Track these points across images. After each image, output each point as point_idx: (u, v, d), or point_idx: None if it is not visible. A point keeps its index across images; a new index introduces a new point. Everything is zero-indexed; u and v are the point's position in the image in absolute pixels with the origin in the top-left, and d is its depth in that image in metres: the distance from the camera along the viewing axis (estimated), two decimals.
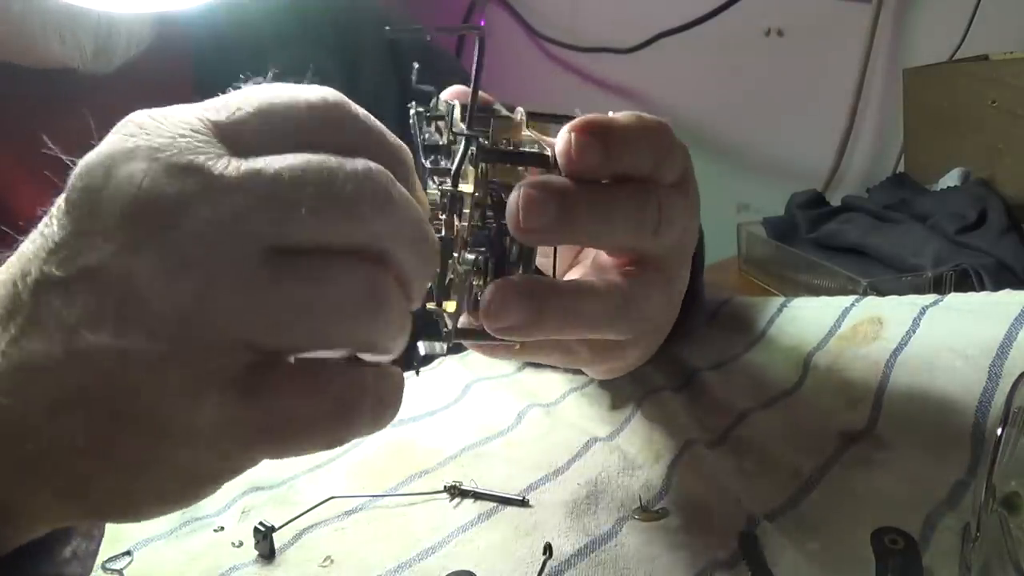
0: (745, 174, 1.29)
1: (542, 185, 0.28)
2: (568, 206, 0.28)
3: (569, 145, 0.29)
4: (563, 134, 0.29)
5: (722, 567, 0.32)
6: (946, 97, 0.87)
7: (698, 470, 0.38)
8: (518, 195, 0.28)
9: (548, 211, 0.28)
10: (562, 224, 0.28)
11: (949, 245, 0.70)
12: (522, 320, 0.29)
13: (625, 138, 0.30)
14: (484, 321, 0.29)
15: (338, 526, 0.37)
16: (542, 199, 0.28)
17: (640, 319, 0.32)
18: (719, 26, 1.21)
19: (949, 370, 0.39)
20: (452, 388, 0.49)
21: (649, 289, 0.33)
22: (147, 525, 0.38)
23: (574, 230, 0.29)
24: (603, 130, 0.29)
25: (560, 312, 0.30)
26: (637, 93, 1.40)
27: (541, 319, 0.29)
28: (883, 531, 0.31)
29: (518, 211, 0.28)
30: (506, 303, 0.29)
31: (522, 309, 0.29)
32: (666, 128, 0.32)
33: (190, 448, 0.23)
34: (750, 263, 0.86)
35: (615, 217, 0.30)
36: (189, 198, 0.21)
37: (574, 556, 0.34)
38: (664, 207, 0.31)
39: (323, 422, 0.23)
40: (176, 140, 0.22)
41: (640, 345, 0.39)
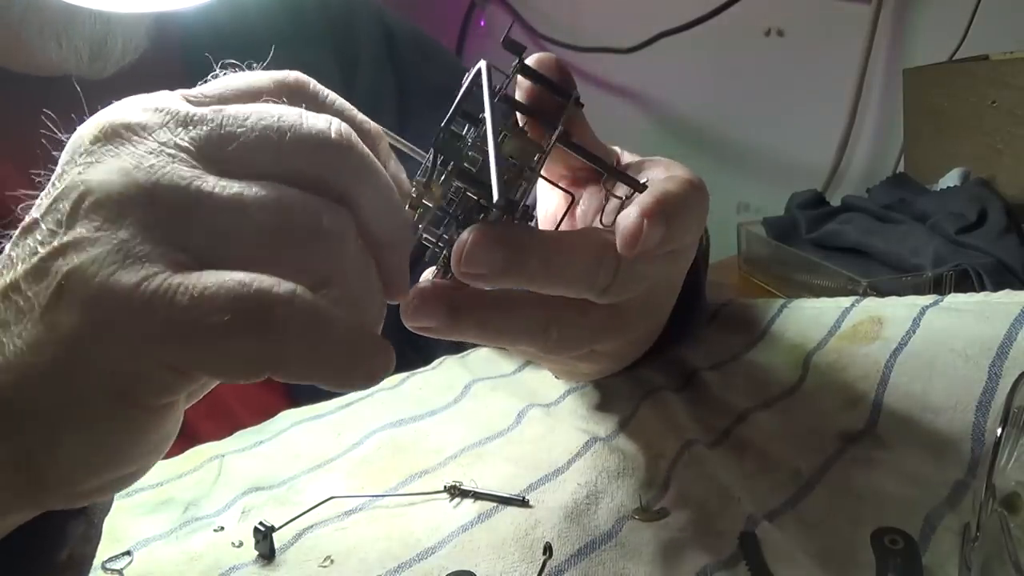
0: (745, 174, 1.29)
1: (492, 234, 0.28)
2: (514, 257, 0.29)
3: (463, 247, 0.28)
4: (633, 218, 0.29)
5: (722, 567, 0.32)
6: (946, 97, 0.87)
7: (698, 470, 0.38)
8: (466, 239, 0.28)
9: (492, 259, 0.28)
10: (504, 275, 0.29)
11: (949, 245, 0.70)
12: (436, 324, 0.30)
13: (677, 218, 0.30)
14: (404, 318, 0.30)
15: (338, 526, 0.37)
16: (486, 246, 0.28)
17: (564, 343, 0.33)
18: (719, 26, 1.21)
19: (949, 370, 0.39)
20: (452, 388, 0.49)
21: (582, 320, 0.33)
22: (147, 525, 0.38)
23: (516, 281, 0.30)
24: (667, 213, 0.30)
25: (474, 325, 0.31)
26: (637, 93, 1.40)
27: (455, 327, 0.30)
28: (883, 531, 0.31)
29: (461, 252, 0.28)
30: (423, 305, 0.30)
31: (437, 314, 0.30)
32: (702, 198, 0.33)
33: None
34: (750, 263, 0.86)
35: (563, 275, 0.30)
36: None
37: (574, 556, 0.34)
38: (627, 268, 0.31)
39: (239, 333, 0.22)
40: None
41: (601, 362, 0.39)
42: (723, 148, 1.31)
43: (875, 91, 1.10)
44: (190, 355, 0.23)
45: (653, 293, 0.35)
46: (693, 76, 1.31)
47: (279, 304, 0.22)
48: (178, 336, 0.22)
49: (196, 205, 0.23)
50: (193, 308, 0.22)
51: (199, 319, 0.22)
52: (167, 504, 0.40)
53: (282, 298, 0.22)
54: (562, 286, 0.31)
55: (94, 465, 0.25)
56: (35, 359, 0.23)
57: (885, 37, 1.07)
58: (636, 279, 0.32)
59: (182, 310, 0.22)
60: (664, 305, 0.39)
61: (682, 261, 0.36)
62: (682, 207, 0.31)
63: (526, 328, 0.32)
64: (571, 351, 0.34)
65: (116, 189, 0.23)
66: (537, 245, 0.29)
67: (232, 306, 0.22)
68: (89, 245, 0.22)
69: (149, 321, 0.22)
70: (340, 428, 0.46)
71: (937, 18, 1.02)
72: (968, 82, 0.83)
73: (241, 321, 0.22)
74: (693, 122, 1.35)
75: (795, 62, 1.18)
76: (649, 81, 1.37)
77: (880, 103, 1.10)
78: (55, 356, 0.23)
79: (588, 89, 1.44)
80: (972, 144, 0.84)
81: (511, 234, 0.29)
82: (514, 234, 0.29)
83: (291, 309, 0.23)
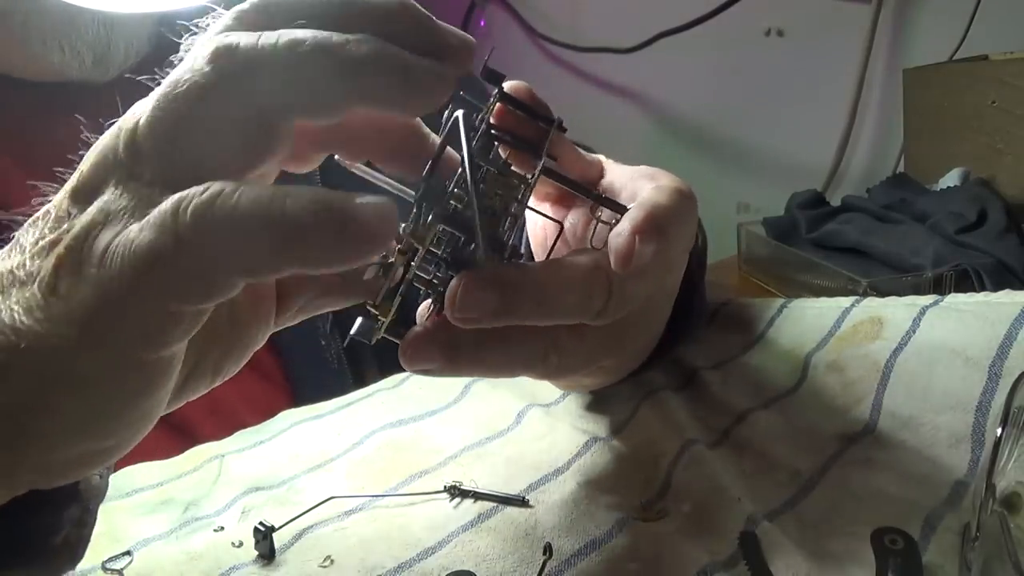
0: (745, 174, 1.28)
1: (483, 285, 0.28)
2: (499, 312, 0.29)
3: (632, 247, 0.29)
4: (625, 236, 0.29)
5: (722, 567, 0.32)
6: (946, 97, 0.87)
7: (698, 470, 0.38)
8: (458, 287, 0.28)
9: (484, 302, 0.28)
10: (497, 317, 0.29)
11: (949, 245, 0.70)
12: (435, 367, 0.30)
13: (533, 307, 0.30)
14: (402, 362, 0.30)
15: (338, 526, 0.37)
16: (476, 304, 0.28)
17: (564, 368, 0.33)
18: (719, 26, 1.21)
19: (949, 370, 0.39)
20: (452, 388, 0.49)
21: (581, 343, 0.33)
22: (147, 525, 0.38)
23: (510, 319, 0.30)
24: (659, 227, 0.30)
25: (473, 362, 0.31)
26: (637, 93, 1.40)
27: (453, 367, 0.31)
28: (883, 531, 0.31)
29: (455, 301, 0.28)
30: (419, 351, 0.30)
31: (434, 359, 0.30)
32: (687, 216, 0.33)
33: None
34: (750, 263, 0.86)
35: (555, 310, 0.30)
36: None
37: (574, 556, 0.34)
38: (619, 288, 0.31)
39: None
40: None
41: (599, 374, 0.39)
42: (723, 148, 1.31)
43: (875, 91, 1.10)
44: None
45: (649, 306, 0.35)
46: (693, 76, 1.31)
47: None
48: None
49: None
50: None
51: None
52: (167, 504, 0.40)
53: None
54: (558, 317, 0.31)
55: (79, 431, 0.25)
56: (30, 322, 0.24)
57: (885, 37, 1.07)
58: (631, 297, 0.32)
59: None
60: (661, 315, 0.39)
61: (676, 270, 0.37)
62: (673, 218, 0.31)
63: (525, 359, 0.32)
64: (572, 374, 0.34)
65: (95, 163, 0.26)
66: (529, 284, 0.29)
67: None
68: (84, 217, 0.25)
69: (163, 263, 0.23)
70: (340, 428, 0.46)
71: (937, 18, 1.02)
72: (968, 82, 0.83)
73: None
74: (693, 122, 1.35)
75: (795, 62, 1.18)
76: (649, 81, 1.37)
77: (880, 103, 1.10)
78: (51, 319, 0.24)
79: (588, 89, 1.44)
80: (972, 144, 0.84)
81: (501, 276, 0.29)
82: (504, 276, 0.29)
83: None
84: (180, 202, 0.23)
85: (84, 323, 0.24)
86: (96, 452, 0.27)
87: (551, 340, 0.32)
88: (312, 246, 0.23)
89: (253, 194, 0.23)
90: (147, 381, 0.25)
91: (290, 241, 0.23)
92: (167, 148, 0.25)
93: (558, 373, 0.33)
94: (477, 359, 0.31)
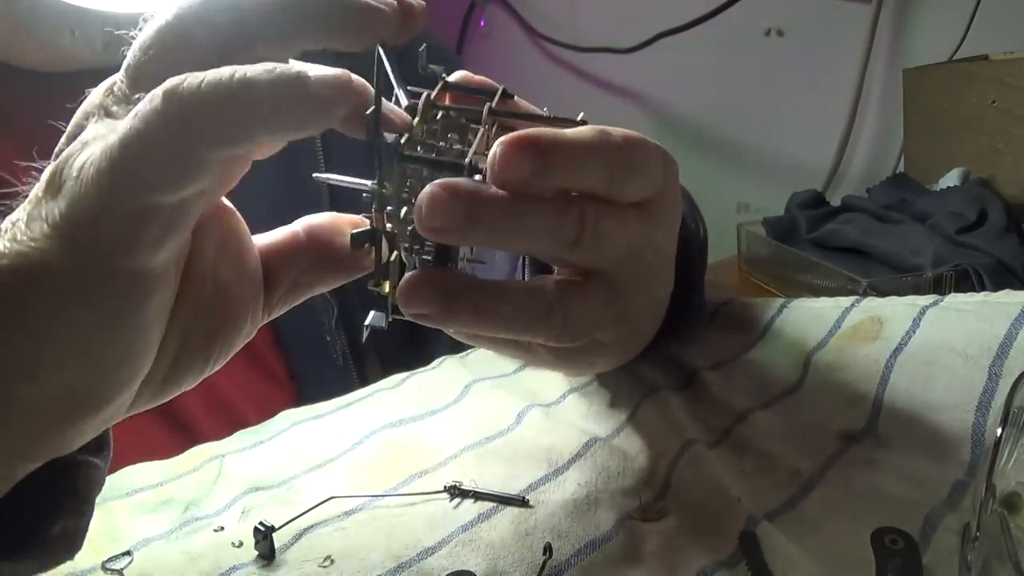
0: (745, 174, 1.29)
1: (452, 186, 0.28)
2: (474, 212, 0.28)
3: (495, 158, 0.28)
4: (495, 146, 0.29)
5: (722, 567, 0.32)
6: (946, 97, 0.87)
7: (698, 470, 0.38)
8: (426, 194, 0.28)
9: (453, 214, 0.28)
10: (466, 229, 0.28)
11: (949, 245, 0.70)
12: (432, 310, 0.30)
13: (566, 159, 0.29)
14: (400, 306, 0.30)
15: (338, 526, 0.37)
16: (447, 201, 0.28)
17: (569, 329, 0.32)
18: (719, 26, 1.21)
19: (949, 370, 0.39)
20: (452, 388, 0.49)
21: (585, 301, 0.32)
22: (147, 525, 0.38)
23: (480, 235, 0.29)
24: (535, 148, 0.28)
25: (470, 308, 0.30)
26: (637, 93, 1.40)
27: (450, 312, 0.30)
28: (883, 531, 0.31)
29: (423, 209, 0.28)
30: (418, 291, 0.29)
31: (431, 300, 0.29)
32: (635, 147, 0.31)
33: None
34: (750, 263, 0.86)
35: (525, 228, 0.30)
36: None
37: (574, 556, 0.34)
38: (595, 223, 0.30)
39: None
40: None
41: (605, 354, 0.38)
42: (723, 148, 1.31)
43: (875, 91, 1.10)
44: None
45: (640, 260, 0.34)
46: (693, 76, 1.31)
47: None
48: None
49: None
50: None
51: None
52: (167, 504, 0.40)
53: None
54: (528, 236, 0.30)
55: (63, 352, 0.26)
56: (11, 244, 0.25)
57: (885, 37, 1.07)
58: (607, 236, 0.31)
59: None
60: (659, 277, 0.38)
61: (662, 222, 0.35)
62: (570, 148, 0.29)
63: (527, 311, 0.31)
64: (576, 338, 0.33)
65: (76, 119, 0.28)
66: (492, 198, 0.29)
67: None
68: (69, 149, 0.26)
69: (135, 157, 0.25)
70: (340, 428, 0.46)
71: (937, 18, 1.02)
72: (968, 82, 0.83)
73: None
74: (693, 122, 1.35)
75: (795, 62, 1.18)
76: (649, 81, 1.37)
77: (880, 103, 1.10)
78: (33, 238, 0.25)
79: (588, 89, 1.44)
80: (972, 144, 0.84)
81: (467, 187, 0.29)
82: (471, 187, 0.29)
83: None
84: (151, 93, 0.25)
85: (61, 234, 0.25)
86: (84, 388, 0.27)
87: (554, 294, 0.32)
88: (274, 107, 0.25)
89: (217, 70, 0.25)
90: (128, 295, 0.26)
91: (253, 105, 0.25)
92: (143, 84, 0.27)
93: (562, 335, 0.32)
94: (475, 304, 0.30)
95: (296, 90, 0.25)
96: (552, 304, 0.31)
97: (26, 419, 0.26)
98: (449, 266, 0.31)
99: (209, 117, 0.25)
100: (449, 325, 0.31)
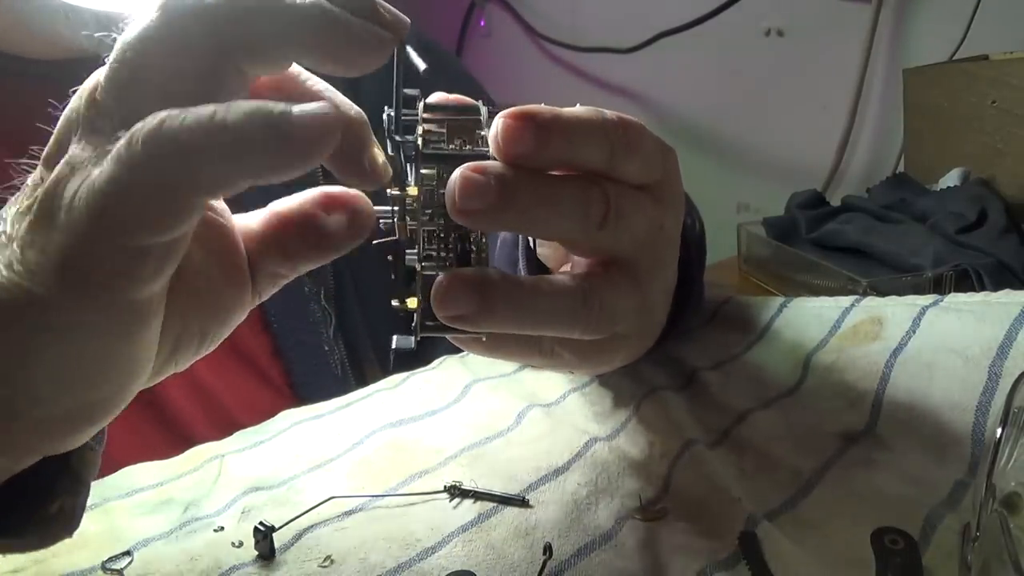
0: (745, 174, 1.29)
1: (482, 168, 0.28)
2: (507, 190, 0.28)
3: (498, 131, 0.28)
4: (496, 120, 0.29)
5: (722, 567, 0.32)
6: (946, 97, 0.87)
7: (698, 470, 0.38)
8: (457, 176, 0.28)
9: (486, 194, 0.28)
10: (500, 208, 0.28)
11: (949, 245, 0.70)
12: (470, 309, 0.29)
13: (566, 129, 0.29)
14: (435, 309, 0.29)
15: (338, 526, 0.37)
16: (480, 181, 0.28)
17: (603, 320, 0.32)
18: (719, 26, 1.21)
19: (949, 370, 0.39)
20: (452, 388, 0.49)
21: (613, 290, 0.32)
22: (147, 525, 0.38)
23: (513, 215, 0.29)
24: (536, 118, 0.28)
25: (510, 305, 0.30)
26: (637, 93, 1.40)
27: (490, 310, 0.29)
28: (883, 531, 0.31)
29: (456, 192, 0.28)
30: (453, 291, 0.29)
31: (470, 298, 0.29)
32: (631, 127, 0.31)
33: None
34: (750, 263, 0.86)
35: (555, 205, 0.29)
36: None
37: (574, 556, 0.34)
38: (616, 203, 0.31)
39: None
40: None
41: (624, 347, 0.38)
42: (723, 148, 1.31)
43: (875, 91, 1.10)
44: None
45: (655, 245, 0.34)
46: (693, 76, 1.31)
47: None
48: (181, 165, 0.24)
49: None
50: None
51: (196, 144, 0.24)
52: (167, 504, 0.40)
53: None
54: (559, 215, 0.30)
55: (66, 379, 0.26)
56: (9, 275, 0.25)
57: (885, 37, 1.07)
58: (629, 217, 0.31)
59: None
60: (669, 264, 0.38)
61: (670, 208, 0.35)
62: (569, 122, 0.30)
63: (565, 302, 0.31)
64: (608, 328, 0.33)
65: (61, 127, 0.27)
66: (526, 175, 0.29)
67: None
68: (53, 174, 0.26)
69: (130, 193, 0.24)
70: (340, 428, 0.46)
71: (937, 18, 1.02)
72: (968, 82, 0.83)
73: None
74: (693, 122, 1.35)
75: (795, 62, 1.19)
76: (649, 81, 1.37)
77: (880, 103, 1.10)
78: (29, 270, 0.25)
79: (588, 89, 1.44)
80: (972, 144, 0.84)
81: (496, 167, 0.28)
82: (500, 167, 0.29)
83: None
84: (132, 134, 0.24)
85: (59, 268, 0.25)
86: (90, 405, 0.27)
87: (587, 282, 0.31)
88: (257, 153, 0.24)
89: (196, 112, 0.24)
90: (129, 323, 0.26)
91: (236, 151, 0.24)
92: (125, 97, 0.26)
93: (595, 327, 0.32)
94: (515, 301, 0.30)
95: (278, 134, 0.24)
96: (588, 292, 0.31)
97: (32, 432, 0.27)
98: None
99: (189, 165, 0.24)
100: (488, 324, 0.30)
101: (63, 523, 0.30)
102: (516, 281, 0.30)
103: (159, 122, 0.24)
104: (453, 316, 0.29)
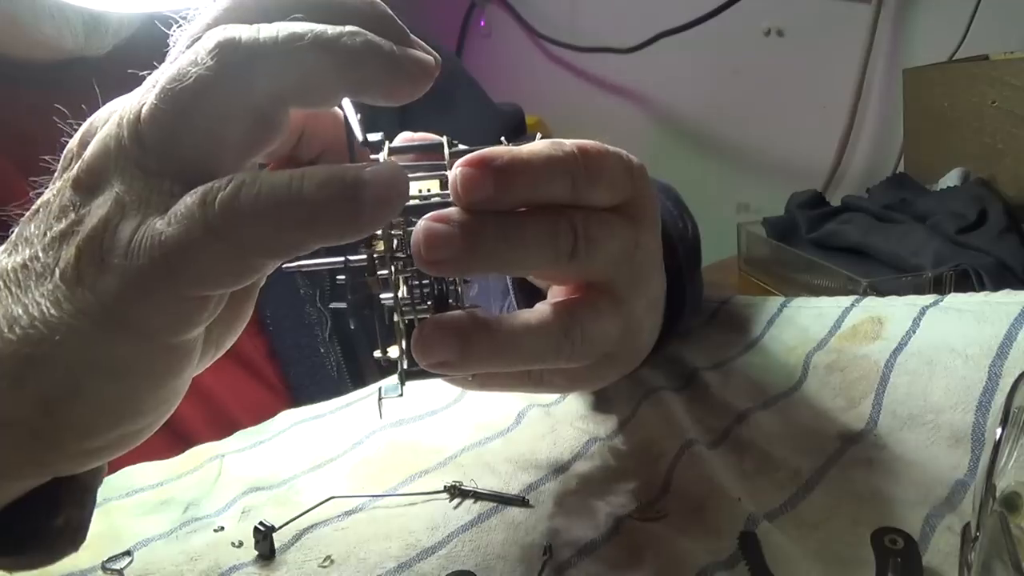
0: (745, 174, 1.29)
1: (445, 217, 0.28)
2: (471, 236, 0.28)
3: (456, 180, 0.28)
4: (453, 169, 0.29)
5: (722, 567, 0.32)
6: (946, 97, 0.87)
7: (698, 470, 0.38)
8: (421, 228, 0.28)
9: (451, 242, 0.28)
10: (467, 255, 0.28)
11: (949, 245, 0.70)
12: (452, 356, 0.29)
13: (524, 169, 0.29)
14: (416, 358, 0.29)
15: (338, 526, 0.37)
16: (443, 231, 0.28)
17: (586, 348, 0.32)
18: (719, 26, 1.21)
19: (949, 370, 0.39)
20: (452, 388, 0.49)
21: (594, 316, 0.32)
22: (147, 525, 0.38)
23: (480, 260, 0.29)
24: (492, 163, 0.28)
25: (491, 347, 0.30)
26: (637, 93, 1.40)
27: (471, 354, 0.29)
28: (883, 531, 0.31)
29: (420, 244, 0.28)
30: (432, 340, 0.29)
31: (450, 345, 0.29)
32: (590, 154, 0.31)
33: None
34: (750, 263, 0.86)
35: (522, 244, 0.29)
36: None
37: (574, 556, 0.34)
38: (585, 231, 0.30)
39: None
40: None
41: (614, 365, 0.38)
42: (723, 148, 1.31)
43: (875, 91, 1.10)
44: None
45: (632, 263, 0.34)
46: (693, 76, 1.31)
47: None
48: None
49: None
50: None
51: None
52: (167, 504, 0.40)
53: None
54: (526, 251, 0.30)
55: (114, 414, 0.27)
56: (60, 314, 0.25)
57: (885, 37, 1.07)
58: (598, 242, 0.31)
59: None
60: (651, 277, 0.37)
61: (643, 224, 0.35)
62: (525, 161, 0.29)
63: (546, 336, 0.31)
64: (593, 353, 0.33)
65: (98, 153, 0.26)
66: (488, 218, 0.29)
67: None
68: (98, 208, 0.25)
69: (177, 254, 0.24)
70: (340, 428, 0.46)
71: (937, 18, 1.02)
72: (968, 82, 0.83)
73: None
74: (693, 122, 1.35)
75: (795, 62, 1.19)
76: (649, 81, 1.37)
77: (880, 103, 1.10)
78: (81, 311, 0.25)
79: (588, 89, 1.45)
80: (972, 144, 0.84)
81: (458, 214, 0.28)
82: (462, 214, 0.28)
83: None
84: (206, 195, 0.24)
85: (114, 312, 0.25)
86: (132, 434, 0.28)
87: (566, 314, 0.32)
88: (332, 220, 0.25)
89: (272, 181, 0.25)
90: (176, 363, 0.27)
91: (311, 219, 0.25)
92: (172, 139, 0.26)
93: (579, 354, 0.32)
94: (494, 343, 0.30)
95: (353, 206, 0.25)
96: (567, 324, 0.31)
97: (69, 459, 0.28)
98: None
99: (260, 234, 0.25)
100: (471, 367, 0.30)
101: (69, 536, 0.30)
102: (495, 322, 0.30)
103: (236, 188, 0.24)
104: (435, 363, 0.29)
